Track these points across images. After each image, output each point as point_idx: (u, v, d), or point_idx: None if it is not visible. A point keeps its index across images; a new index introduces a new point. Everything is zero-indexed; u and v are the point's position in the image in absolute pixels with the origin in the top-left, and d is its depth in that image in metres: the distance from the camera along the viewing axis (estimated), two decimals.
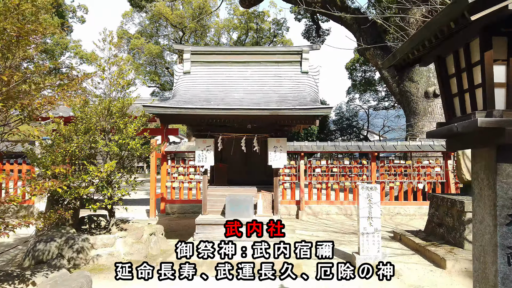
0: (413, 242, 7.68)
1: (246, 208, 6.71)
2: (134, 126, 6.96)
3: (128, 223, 8.25)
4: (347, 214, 11.68)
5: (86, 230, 7.65)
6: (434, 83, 14.56)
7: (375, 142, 11.85)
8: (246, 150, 7.28)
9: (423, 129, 14.55)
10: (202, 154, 7.11)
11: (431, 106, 14.57)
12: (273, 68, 7.99)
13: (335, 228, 9.94)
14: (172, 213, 12.06)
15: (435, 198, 7.95)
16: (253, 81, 7.75)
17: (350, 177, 11.76)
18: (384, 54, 16.50)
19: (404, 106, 15.74)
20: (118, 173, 7.15)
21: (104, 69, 7.51)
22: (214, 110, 6.07)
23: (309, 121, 6.31)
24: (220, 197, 7.31)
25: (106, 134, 7.17)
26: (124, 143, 6.73)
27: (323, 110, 5.95)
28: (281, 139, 7.04)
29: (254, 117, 6.35)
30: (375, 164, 11.75)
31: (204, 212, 7.28)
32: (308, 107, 5.95)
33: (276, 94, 7.19)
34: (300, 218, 11.38)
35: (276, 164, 7.06)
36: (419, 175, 11.70)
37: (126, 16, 35.30)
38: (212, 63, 8.10)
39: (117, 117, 6.70)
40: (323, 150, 11.68)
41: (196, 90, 7.49)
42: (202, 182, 7.53)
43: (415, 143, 11.77)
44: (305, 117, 6.15)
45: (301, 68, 7.91)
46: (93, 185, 6.86)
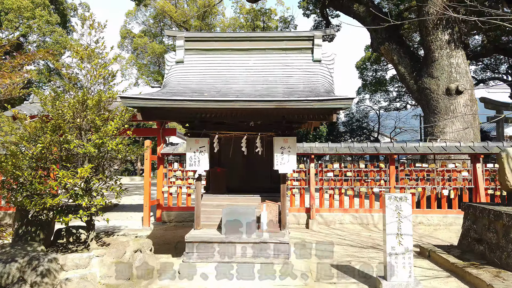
0: (447, 261, 6.45)
1: (248, 222, 5.56)
2: (115, 124, 5.85)
3: (112, 236, 7.14)
4: (363, 223, 10.47)
5: (61, 245, 6.58)
6: (457, 79, 13.30)
7: (394, 144, 10.62)
8: (248, 152, 6.14)
9: (444, 129, 13.30)
10: (194, 156, 5.98)
11: (453, 104, 13.31)
12: (280, 57, 6.85)
13: (351, 241, 8.74)
14: (169, 221, 10.95)
15: (471, 208, 6.72)
16: (257, 71, 6.62)
17: (366, 182, 10.55)
18: (400, 49, 15.29)
19: (422, 105, 14.48)
20: (96, 178, 6.04)
21: (82, 57, 6.43)
22: (207, 103, 4.96)
23: (324, 116, 5.16)
24: (216, 207, 6.17)
25: (84, 133, 6.08)
26: (101, 143, 5.62)
27: (342, 102, 4.79)
28: (289, 139, 5.87)
29: (257, 111, 5.23)
30: (394, 168, 10.53)
31: (197, 227, 6.12)
32: (323, 98, 4.80)
33: (283, 86, 6.05)
34: (310, 228, 10.20)
35: (283, 168, 5.88)
36: (443, 180, 10.44)
37: (130, 15, 34.47)
38: (208, 51, 6.99)
39: (92, 113, 5.59)
40: (336, 152, 10.48)
41: (190, 81, 6.38)
42: (195, 190, 6.37)
43: (439, 144, 10.52)
44: (320, 111, 5.00)
45: (312, 56, 6.76)
46: (68, 193, 5.78)
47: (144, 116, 5.39)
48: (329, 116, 5.09)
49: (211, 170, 7.11)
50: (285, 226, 5.94)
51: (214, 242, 5.57)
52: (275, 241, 5.47)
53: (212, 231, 6.01)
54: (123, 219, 12.15)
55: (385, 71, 32.94)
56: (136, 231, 10.09)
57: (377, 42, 15.82)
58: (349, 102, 4.83)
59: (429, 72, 13.90)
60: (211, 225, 6.18)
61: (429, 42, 13.85)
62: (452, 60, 13.53)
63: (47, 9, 20.60)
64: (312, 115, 5.19)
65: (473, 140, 12.34)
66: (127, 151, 6.43)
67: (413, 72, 14.72)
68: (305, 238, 8.88)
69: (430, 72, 13.84)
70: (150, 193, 10.44)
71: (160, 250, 7.81)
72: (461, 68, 13.51)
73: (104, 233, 7.36)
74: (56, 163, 5.84)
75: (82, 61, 6.47)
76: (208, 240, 5.62)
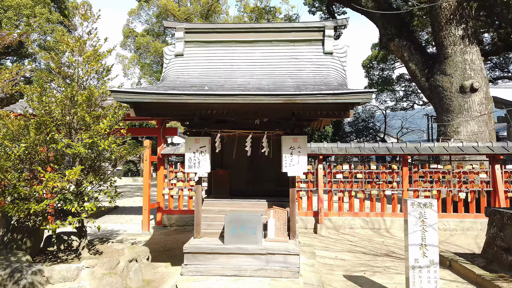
0: (471, 272, 5.88)
1: (253, 230, 5.01)
2: (107, 122, 5.32)
3: (107, 243, 6.62)
4: (374, 228, 9.89)
5: (51, 253, 6.08)
6: (471, 76, 12.68)
7: (407, 144, 10.04)
8: (253, 153, 5.61)
9: (458, 129, 12.68)
10: (194, 157, 5.44)
11: (467, 103, 12.69)
12: (288, 49, 6.31)
13: (363, 247, 8.17)
14: (169, 225, 10.43)
15: (498, 214, 6.14)
16: (263, 65, 6.08)
17: (378, 185, 9.98)
18: (411, 45, 14.69)
19: (435, 103, 13.87)
20: (88, 181, 5.52)
21: (73, 49, 5.93)
22: (208, 97, 4.42)
23: (339, 112, 4.61)
24: (218, 213, 5.63)
25: (75, 132, 5.56)
26: (92, 142, 5.10)
27: (361, 95, 4.24)
28: (299, 138, 5.31)
29: (264, 107, 4.70)
30: (407, 169, 9.95)
31: (197, 235, 5.57)
32: (339, 91, 4.25)
33: (292, 80, 5.51)
34: (318, 232, 9.64)
35: (292, 170, 5.32)
36: (460, 183, 9.85)
37: (133, 14, 34.04)
38: (210, 43, 6.46)
39: (81, 109, 5.07)
40: (345, 152, 9.92)
41: (190, 75, 5.85)
42: (195, 194, 5.82)
43: (455, 145, 9.93)
44: (335, 106, 4.46)
45: (323, 48, 6.21)
46: (56, 197, 5.28)
47: (138, 112, 4.86)
48: (345, 112, 4.53)
49: (212, 172, 6.56)
50: (294, 234, 5.38)
51: (215, 253, 5.02)
52: (284, 252, 4.92)
53: (214, 240, 5.45)
54: (122, 222, 11.64)
55: (392, 70, 32.34)
56: (134, 235, 9.59)
57: (387, 38, 15.21)
58: (369, 96, 4.28)
59: (441, 69, 13.29)
60: (213, 233, 5.63)
61: (441, 38, 13.25)
62: (466, 56, 12.93)
63: (47, 6, 20.15)
64: (326, 111, 4.64)
65: (489, 140, 11.72)
66: (122, 152, 5.92)
67: (424, 69, 14.13)
68: (314, 244, 8.32)
69: (443, 69, 13.23)
70: (149, 196, 9.93)
71: (159, 257, 7.29)
72: (476, 65, 12.89)
73: (99, 239, 6.84)
74: (44, 164, 5.33)
75: (73, 54, 5.97)
76: (209, 251, 5.07)
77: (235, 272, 4.94)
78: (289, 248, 4.98)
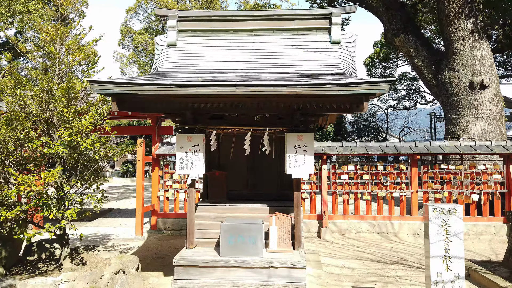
0: (495, 284, 5.32)
1: (253, 240, 4.43)
2: (90, 118, 4.76)
3: (93, 251, 6.05)
4: (382, 232, 9.32)
5: (30, 264, 5.52)
6: (481, 72, 12.10)
7: (416, 143, 9.47)
8: (253, 152, 5.04)
9: (467, 127, 12.10)
10: (186, 157, 4.87)
11: (477, 100, 12.11)
12: (291, 38, 5.74)
13: (371, 254, 7.60)
14: (164, 229, 9.86)
15: None
16: (263, 55, 5.52)
17: (385, 186, 9.41)
18: (417, 41, 14.11)
19: (442, 101, 13.28)
20: (69, 184, 4.96)
21: (53, 37, 5.36)
22: (201, 88, 3.86)
23: (352, 105, 4.05)
24: (214, 220, 5.06)
25: (55, 129, 5.00)
26: (71, 141, 4.53)
27: (377, 85, 3.67)
28: (305, 135, 4.73)
29: (265, 100, 4.15)
30: (416, 170, 9.38)
31: (190, 245, 4.99)
32: (353, 81, 3.69)
33: (296, 71, 4.94)
34: (323, 237, 9.07)
35: (297, 172, 4.74)
36: (472, 184, 9.28)
37: (130, 12, 33.50)
38: (206, 32, 5.89)
39: (58, 103, 4.50)
40: (351, 152, 9.35)
41: (183, 66, 5.29)
42: (187, 199, 5.23)
43: (467, 144, 9.36)
44: (348, 98, 3.90)
45: (330, 37, 5.64)
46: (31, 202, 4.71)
47: (121, 106, 4.29)
48: (358, 105, 3.97)
49: (208, 174, 5.99)
50: (300, 244, 4.80)
51: (210, 266, 4.44)
52: (288, 266, 4.34)
53: (209, 251, 4.85)
54: (116, 225, 11.09)
55: (394, 69, 31.82)
56: (127, 241, 9.03)
57: (392, 33, 14.64)
58: (386, 86, 3.71)
59: (449, 65, 12.71)
60: (208, 243, 5.04)
61: (450, 32, 12.66)
62: (475, 51, 12.34)
63: (41, 2, 19.53)
64: (336, 104, 4.08)
65: (500, 139, 11.16)
66: (108, 151, 5.36)
67: (431, 65, 13.55)
68: (319, 250, 7.76)
69: (451, 65, 12.65)
70: (143, 198, 9.36)
71: (151, 265, 6.73)
72: (486, 60, 12.31)
73: (85, 246, 6.27)
74: (18, 165, 4.77)
75: (54, 43, 5.41)
76: (203, 264, 4.49)
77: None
78: (294, 260, 4.40)
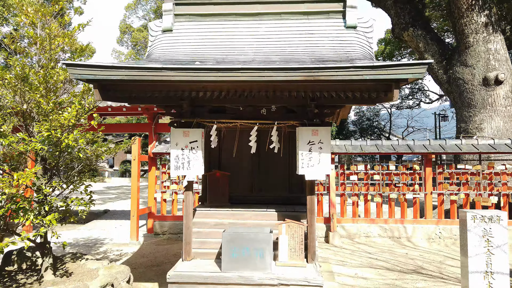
0: None
1: (260, 252, 3.81)
2: (73, 110, 4.15)
3: (80, 260, 5.44)
4: (394, 236, 8.71)
5: (9, 275, 4.93)
6: (495, 67, 11.48)
7: (431, 141, 8.86)
8: (259, 149, 4.44)
9: (481, 125, 11.50)
10: (182, 155, 4.25)
11: (491, 96, 11.50)
12: (301, 23, 5.13)
13: (385, 261, 7.00)
14: (162, 233, 9.25)
15: None
16: (270, 41, 4.91)
17: (397, 187, 8.81)
18: (427, 35, 13.49)
19: (454, 98, 12.67)
20: (49, 187, 4.36)
21: (33, 21, 4.76)
22: (200, 73, 3.26)
23: (379, 93, 3.44)
24: (215, 227, 4.45)
25: (34, 123, 4.40)
26: (50, 137, 3.93)
27: (413, 68, 3.05)
28: (320, 129, 4.12)
29: (275, 87, 3.54)
30: (430, 170, 8.76)
31: (187, 257, 4.36)
32: (383, 63, 3.09)
33: (307, 56, 4.33)
34: (331, 242, 8.46)
35: (311, 172, 4.10)
36: (491, 185, 8.68)
37: (129, 9, 32.93)
38: (206, 17, 5.28)
39: (34, 92, 3.89)
40: (361, 150, 8.74)
41: (179, 53, 4.69)
42: (184, 203, 4.61)
43: (485, 142, 8.76)
44: (374, 84, 3.29)
45: (345, 21, 5.04)
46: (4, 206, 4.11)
47: (105, 94, 3.68)
48: (387, 93, 3.36)
49: (207, 174, 5.37)
50: (314, 256, 4.18)
51: (210, 283, 3.82)
52: (302, 283, 3.70)
53: (208, 265, 4.19)
54: (110, 228, 10.52)
55: None
56: (121, 246, 8.43)
57: (400, 28, 14.02)
58: (421, 69, 3.11)
59: (462, 60, 12.10)
60: (207, 254, 4.41)
61: (462, 26, 12.05)
62: (489, 45, 11.73)
63: None
64: (360, 91, 3.47)
65: None
66: (97, 150, 4.76)
67: (442, 60, 12.93)
68: (328, 257, 7.16)
69: (464, 60, 12.04)
70: (138, 200, 8.76)
71: (145, 275, 6.13)
72: (501, 55, 11.69)
73: (72, 255, 5.66)
74: None
75: (34, 26, 4.81)
76: (201, 281, 3.84)
77: None
78: (309, 276, 3.77)
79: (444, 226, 8.61)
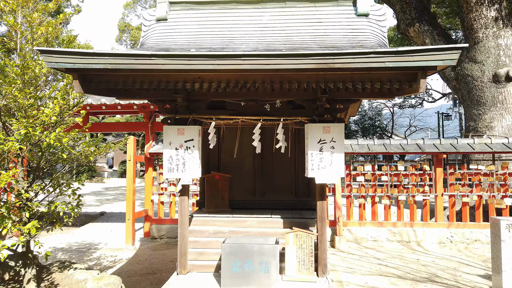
0: None
1: (265, 266, 3.37)
2: (55, 106, 3.72)
3: (68, 270, 5.01)
4: (403, 240, 8.28)
5: None
6: (506, 63, 11.05)
7: (442, 140, 8.43)
8: (263, 149, 4.00)
9: (491, 124, 11.06)
10: (177, 156, 3.82)
11: (502, 94, 11.07)
12: (308, 11, 4.70)
13: (396, 268, 6.56)
14: (159, 237, 8.82)
15: None
16: (275, 30, 4.48)
17: (406, 189, 8.37)
18: (434, 30, 13.06)
19: (462, 95, 12.24)
20: (30, 191, 3.93)
21: (14, 8, 4.33)
22: (196, 61, 2.83)
23: (403, 84, 3.00)
24: (214, 235, 4.01)
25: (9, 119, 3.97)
26: (28, 135, 3.49)
27: (444, 53, 2.60)
28: (333, 127, 3.68)
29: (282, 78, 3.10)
30: (441, 171, 8.33)
31: (182, 270, 3.91)
32: (408, 48, 2.65)
33: (317, 45, 3.89)
34: (337, 246, 8.02)
35: (322, 175, 3.65)
36: (505, 186, 8.24)
37: (128, 7, 32.54)
38: (203, 5, 4.85)
39: (9, 86, 3.46)
40: (368, 150, 8.31)
41: (174, 42, 4.26)
42: (178, 208, 4.16)
43: (500, 141, 8.33)
44: (398, 73, 2.84)
45: (356, 8, 4.61)
46: None
47: (87, 87, 3.23)
48: (411, 84, 2.93)
49: (205, 177, 4.92)
50: (325, 269, 3.74)
51: None
52: None
53: (206, 279, 3.73)
54: (106, 232, 10.08)
55: None
56: (116, 251, 7.99)
57: (405, 23, 13.61)
58: (454, 55, 2.68)
59: (470, 56, 11.66)
60: (205, 267, 3.97)
61: (471, 21, 11.62)
62: (499, 41, 11.29)
63: None
64: (380, 82, 3.04)
65: None
66: (86, 150, 4.33)
67: None
68: (335, 264, 6.71)
69: (472, 56, 11.60)
70: (134, 203, 8.33)
71: (139, 284, 5.71)
72: (511, 51, 11.26)
73: (60, 263, 5.22)
74: None
75: (14, 14, 4.38)
76: None
77: None
78: None
79: (456, 230, 8.18)
